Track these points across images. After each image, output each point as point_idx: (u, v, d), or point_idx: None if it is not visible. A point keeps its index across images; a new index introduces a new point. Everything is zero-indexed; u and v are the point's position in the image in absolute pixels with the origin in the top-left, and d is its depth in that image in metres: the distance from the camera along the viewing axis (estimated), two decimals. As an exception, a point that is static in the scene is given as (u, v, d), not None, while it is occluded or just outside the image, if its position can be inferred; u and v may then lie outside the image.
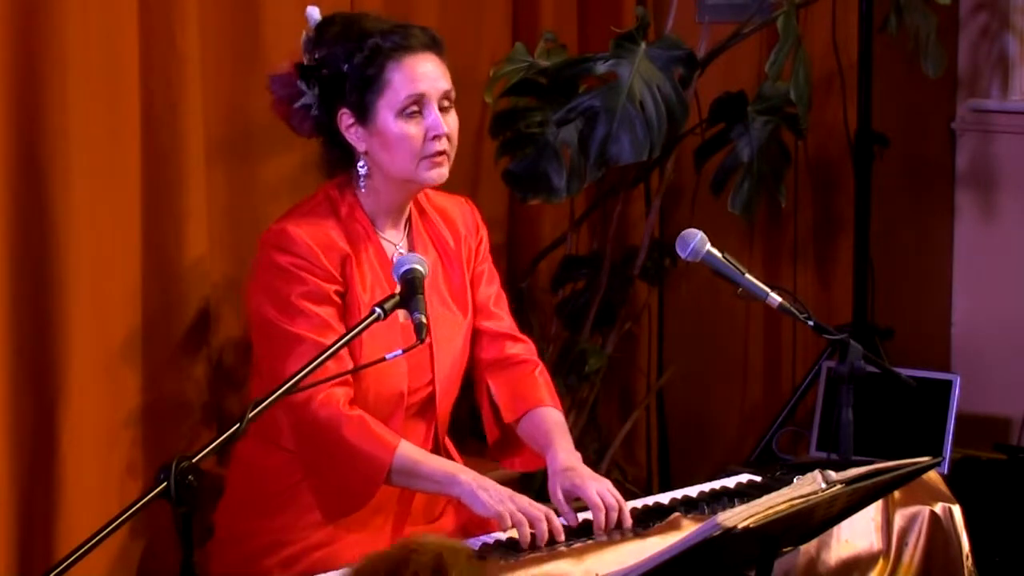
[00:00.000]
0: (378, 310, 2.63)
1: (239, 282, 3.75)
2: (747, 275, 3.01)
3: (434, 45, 2.98)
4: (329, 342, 2.72)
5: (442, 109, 2.96)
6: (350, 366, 2.87)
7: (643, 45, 4.08)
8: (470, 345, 3.11)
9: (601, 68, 4.09)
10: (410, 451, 2.88)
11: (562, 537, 2.74)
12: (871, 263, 4.83)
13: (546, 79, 4.13)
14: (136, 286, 3.60)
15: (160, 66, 3.60)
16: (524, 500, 2.78)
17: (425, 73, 2.94)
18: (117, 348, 3.57)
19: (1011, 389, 5.08)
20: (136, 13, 3.56)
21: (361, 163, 2.97)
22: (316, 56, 2.98)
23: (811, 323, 3.02)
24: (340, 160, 3.01)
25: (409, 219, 3.07)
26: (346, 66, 2.93)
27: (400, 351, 2.64)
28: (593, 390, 4.41)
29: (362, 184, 2.98)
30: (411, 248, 3.05)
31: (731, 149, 4.33)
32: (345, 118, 2.95)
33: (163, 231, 3.64)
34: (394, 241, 3.03)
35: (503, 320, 3.15)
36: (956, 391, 4.53)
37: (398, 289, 2.70)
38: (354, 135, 2.96)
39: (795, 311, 3.01)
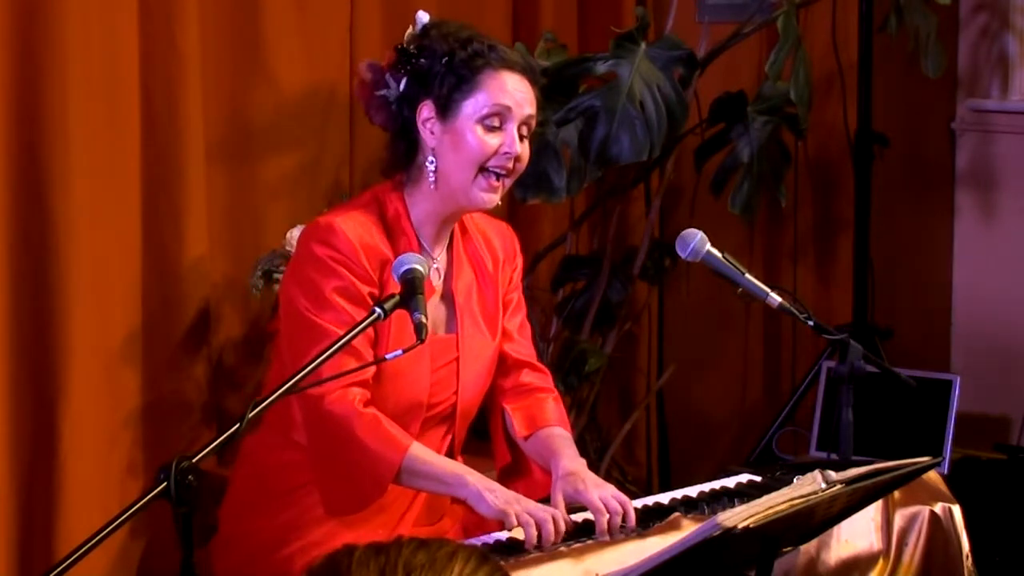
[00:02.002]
0: (378, 310, 2.62)
1: (239, 282, 3.75)
2: (747, 275, 3.01)
3: (532, 71, 3.01)
4: (353, 343, 2.72)
5: (520, 135, 2.97)
6: (370, 370, 2.87)
7: (643, 45, 4.08)
8: (496, 368, 3.12)
9: (601, 68, 4.09)
10: (420, 452, 2.88)
11: (563, 532, 2.74)
12: (871, 263, 4.83)
13: (546, 79, 4.12)
14: (136, 286, 3.60)
15: (160, 66, 3.60)
16: (530, 502, 2.78)
17: (516, 90, 2.96)
18: (117, 348, 3.57)
19: (1011, 389, 5.08)
20: (136, 13, 3.56)
21: (430, 159, 2.96)
22: (416, 46, 2.99)
23: (811, 323, 3.02)
24: (403, 155, 3.01)
25: (451, 238, 3.07)
26: (444, 59, 2.94)
27: (400, 351, 2.64)
28: (593, 390, 4.41)
29: (431, 178, 2.97)
30: (450, 267, 3.05)
31: (731, 149, 4.33)
32: (425, 110, 2.96)
33: (163, 231, 3.64)
34: (434, 254, 3.02)
35: (524, 349, 3.16)
36: (956, 391, 4.53)
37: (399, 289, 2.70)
38: (429, 129, 2.96)
39: (795, 311, 3.01)
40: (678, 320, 4.88)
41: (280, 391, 2.51)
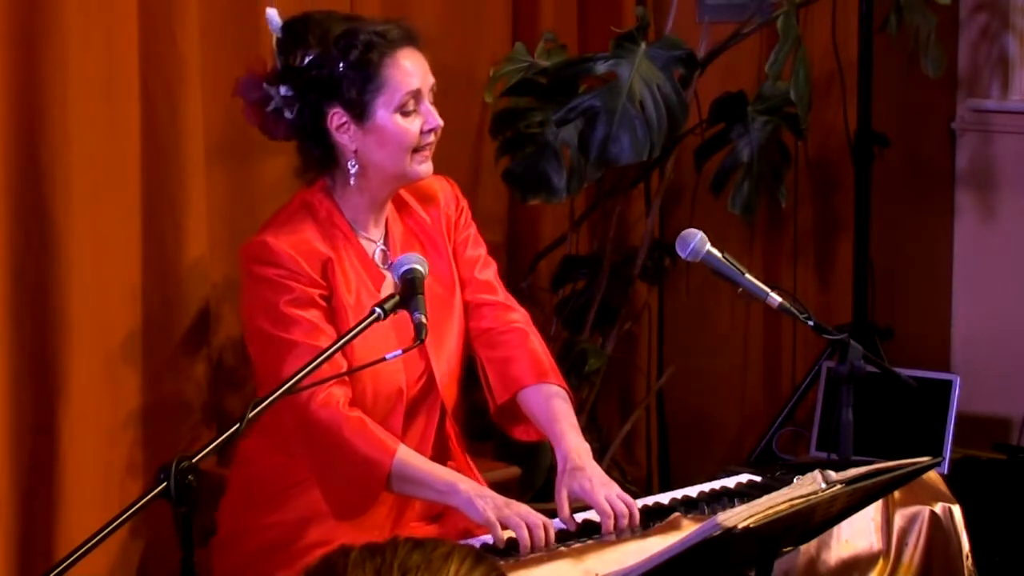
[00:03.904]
0: (378, 310, 2.63)
1: (239, 282, 3.75)
2: (747, 275, 3.01)
3: (416, 38, 2.99)
4: (322, 344, 2.74)
5: (429, 101, 2.97)
6: (344, 366, 2.87)
7: (643, 45, 4.08)
8: (464, 320, 3.10)
9: (601, 68, 4.09)
10: (409, 457, 2.87)
11: (552, 543, 2.73)
12: (871, 263, 4.83)
13: (546, 79, 4.13)
14: (136, 286, 3.60)
15: (160, 66, 3.60)
16: (523, 507, 2.77)
17: (416, 68, 2.95)
18: (117, 348, 3.57)
19: (1011, 389, 5.08)
20: (136, 13, 3.56)
21: (352, 162, 2.96)
22: (302, 57, 2.95)
23: (811, 323, 3.02)
24: (320, 161, 3.00)
25: (387, 213, 3.07)
26: (341, 65, 2.92)
27: (400, 351, 2.64)
28: (593, 390, 4.41)
29: (352, 181, 2.97)
30: (390, 241, 3.04)
31: (731, 149, 4.33)
32: (336, 118, 2.94)
33: (163, 231, 3.64)
34: (374, 239, 3.02)
35: (491, 288, 3.13)
36: (956, 391, 4.53)
37: (399, 289, 2.70)
38: (346, 134, 2.94)
39: (795, 311, 3.01)
40: (678, 320, 4.88)
41: (279, 391, 2.51)
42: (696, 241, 3.03)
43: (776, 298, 3.01)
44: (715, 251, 3.03)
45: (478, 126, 4.30)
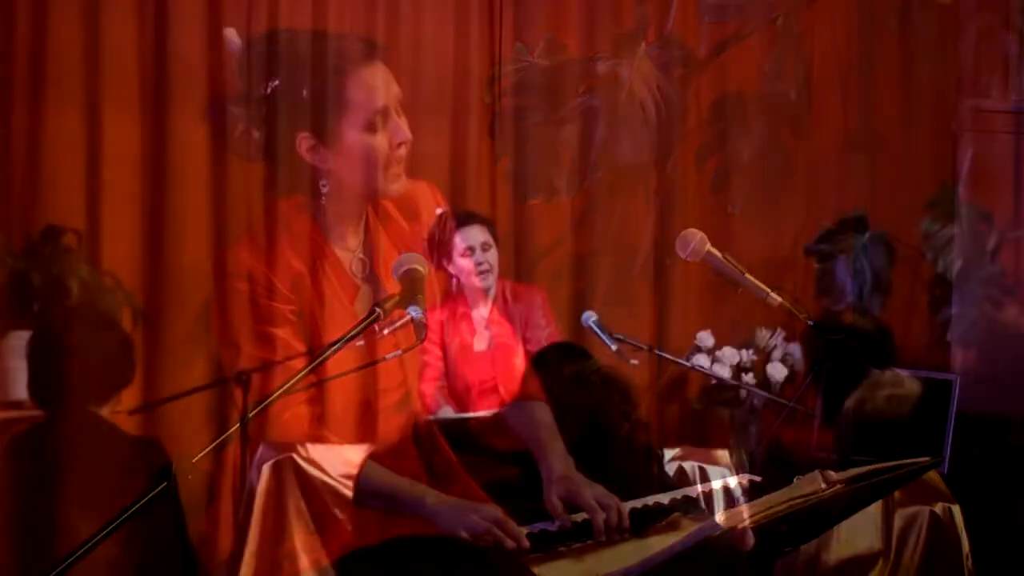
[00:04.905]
0: (378, 309, 2.63)
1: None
2: (747, 275, 3.01)
3: (377, 52, 2.96)
4: (295, 360, 2.76)
5: (397, 114, 2.95)
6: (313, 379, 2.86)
7: (643, 45, 4.08)
8: (442, 335, 3.10)
9: (601, 68, 4.09)
10: (375, 474, 2.88)
11: (526, 543, 2.74)
12: (871, 263, 4.83)
13: (546, 79, 4.13)
14: (136, 286, 3.60)
15: (160, 67, 3.60)
16: (487, 508, 2.79)
17: (381, 84, 2.93)
18: (118, 348, 3.56)
19: (1011, 389, 5.08)
20: (136, 12, 3.56)
21: (323, 182, 2.95)
22: (266, 84, 2.94)
23: (811, 323, 3.02)
24: (291, 178, 2.99)
25: (366, 222, 3.06)
26: (305, 91, 2.90)
27: (399, 351, 2.64)
28: (593, 390, 4.40)
29: (324, 201, 2.96)
30: (373, 250, 3.03)
31: (731, 149, 4.33)
32: (305, 142, 2.93)
33: (163, 231, 3.64)
34: (352, 248, 3.01)
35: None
36: (956, 391, 4.53)
37: (399, 288, 2.70)
38: (317, 156, 2.93)
39: (795, 311, 3.01)
40: (678, 320, 4.87)
41: (278, 392, 2.51)
42: (696, 241, 3.04)
43: (776, 298, 3.01)
44: (715, 251, 3.03)
45: (478, 126, 4.30)
